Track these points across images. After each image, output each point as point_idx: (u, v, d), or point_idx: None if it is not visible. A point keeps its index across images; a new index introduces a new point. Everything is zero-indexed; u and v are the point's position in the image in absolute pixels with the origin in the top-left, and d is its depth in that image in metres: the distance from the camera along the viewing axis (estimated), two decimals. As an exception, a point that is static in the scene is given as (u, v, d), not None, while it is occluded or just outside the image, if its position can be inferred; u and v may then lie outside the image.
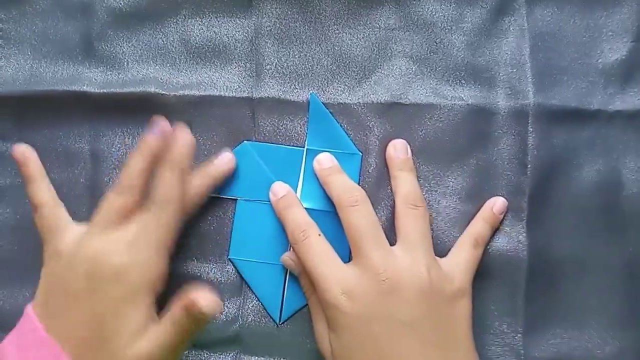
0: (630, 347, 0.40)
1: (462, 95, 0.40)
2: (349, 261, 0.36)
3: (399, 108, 0.40)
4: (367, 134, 0.40)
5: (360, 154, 0.40)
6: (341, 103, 0.40)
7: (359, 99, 0.40)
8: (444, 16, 0.41)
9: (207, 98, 0.41)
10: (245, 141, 0.41)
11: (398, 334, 0.34)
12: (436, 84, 0.41)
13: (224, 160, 0.40)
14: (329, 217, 0.39)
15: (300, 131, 0.41)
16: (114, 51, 0.42)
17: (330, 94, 0.41)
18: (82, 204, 0.41)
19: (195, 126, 0.41)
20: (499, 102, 0.40)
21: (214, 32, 0.42)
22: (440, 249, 0.39)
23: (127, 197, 0.35)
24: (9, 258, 0.42)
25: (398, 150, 0.39)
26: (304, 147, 0.40)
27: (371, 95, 0.40)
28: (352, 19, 0.41)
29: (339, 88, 0.41)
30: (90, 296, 0.33)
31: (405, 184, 0.38)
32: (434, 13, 0.41)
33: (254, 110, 0.41)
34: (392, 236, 0.37)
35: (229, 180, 0.40)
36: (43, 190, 0.38)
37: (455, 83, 0.41)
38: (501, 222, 0.40)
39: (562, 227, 0.40)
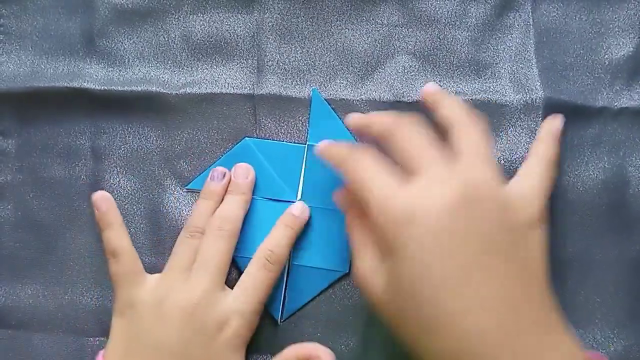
0: (635, 346, 0.40)
1: (466, 91, 0.40)
2: (349, 272, 0.38)
3: (401, 105, 0.40)
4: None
5: None
6: (343, 99, 0.40)
7: (361, 95, 0.40)
8: (448, 11, 0.41)
9: (208, 96, 0.41)
10: (246, 137, 0.41)
11: (474, 248, 0.29)
12: (439, 81, 0.40)
13: (299, 210, 0.39)
14: (331, 215, 0.39)
15: (302, 128, 0.40)
16: (115, 47, 0.42)
17: (332, 90, 0.40)
18: (83, 200, 0.41)
19: (196, 123, 0.41)
20: (506, 96, 0.40)
21: (216, 28, 0.42)
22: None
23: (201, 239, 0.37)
24: (11, 255, 0.42)
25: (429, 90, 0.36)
26: (305, 144, 0.40)
27: (373, 92, 0.40)
28: (355, 15, 0.41)
29: (341, 84, 0.40)
30: (186, 349, 0.34)
31: (451, 106, 0.34)
32: (437, 9, 0.41)
33: (255, 106, 0.40)
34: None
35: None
36: (121, 237, 0.38)
37: (459, 79, 0.40)
38: None
39: (567, 224, 0.40)
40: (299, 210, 0.38)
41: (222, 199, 0.39)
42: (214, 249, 0.36)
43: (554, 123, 0.37)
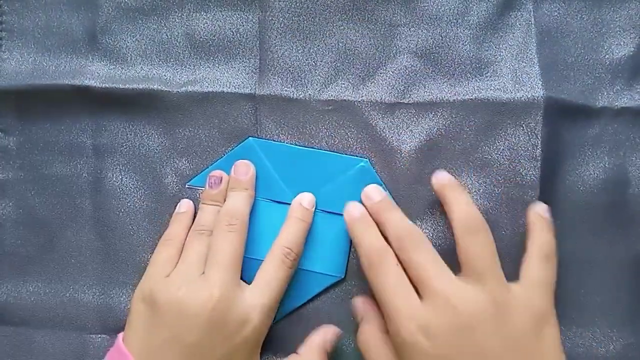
0: (635, 346, 0.40)
1: (468, 90, 0.40)
2: (344, 277, 0.38)
3: (403, 106, 0.40)
4: (370, 132, 0.40)
5: (367, 159, 0.40)
6: (345, 100, 0.40)
7: (362, 96, 0.40)
8: (450, 9, 0.41)
9: (209, 94, 0.41)
10: (250, 137, 0.41)
11: None
12: (441, 80, 0.40)
13: (308, 201, 0.39)
14: (331, 219, 0.39)
15: (302, 129, 0.40)
16: (117, 45, 0.42)
17: (334, 90, 0.40)
18: (85, 198, 0.42)
19: (197, 122, 0.41)
20: (507, 93, 0.39)
21: (219, 26, 0.42)
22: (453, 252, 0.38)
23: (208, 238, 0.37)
24: (12, 252, 0.42)
25: (439, 176, 0.37)
26: (307, 147, 0.40)
27: (375, 93, 0.40)
28: (358, 15, 0.41)
29: (343, 85, 0.40)
30: (208, 344, 0.34)
31: (459, 205, 0.35)
32: (439, 7, 0.41)
33: (256, 107, 0.40)
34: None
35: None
36: (182, 231, 0.39)
37: (461, 77, 0.40)
38: (510, 218, 0.39)
39: (567, 223, 0.40)
40: (308, 201, 0.39)
41: (224, 200, 0.39)
42: (226, 244, 0.36)
43: (540, 209, 0.37)
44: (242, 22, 0.42)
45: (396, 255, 0.35)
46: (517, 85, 0.39)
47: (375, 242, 0.35)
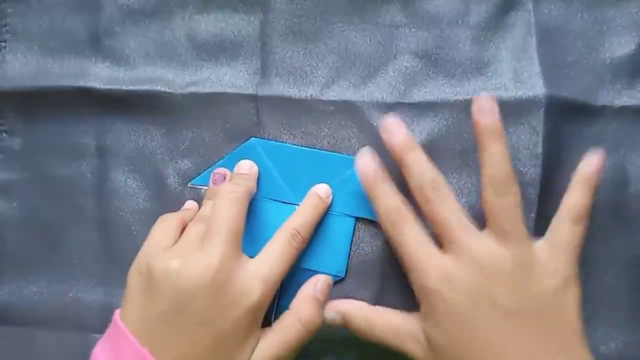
0: (635, 344, 0.40)
1: (468, 90, 0.40)
2: (344, 276, 0.39)
3: (404, 106, 0.40)
4: (371, 132, 0.40)
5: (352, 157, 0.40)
6: (346, 101, 0.40)
7: (364, 96, 0.40)
8: (450, 10, 0.41)
9: (212, 95, 0.41)
10: (252, 137, 0.41)
11: (500, 322, 0.32)
12: (442, 80, 0.40)
13: (325, 192, 0.40)
14: (332, 219, 0.39)
15: (304, 129, 0.40)
16: (120, 47, 0.42)
17: (335, 91, 0.40)
18: (89, 199, 0.42)
19: (200, 123, 0.41)
20: (508, 92, 0.39)
21: (221, 28, 0.42)
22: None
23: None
24: (15, 253, 0.42)
25: (485, 113, 0.35)
26: (309, 147, 0.40)
27: (376, 94, 0.40)
28: (358, 16, 0.41)
29: (344, 85, 0.40)
30: (209, 315, 0.33)
31: (492, 160, 0.34)
32: (440, 8, 0.41)
33: (258, 107, 0.41)
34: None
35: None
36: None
37: (462, 77, 0.40)
38: None
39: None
40: (323, 191, 0.39)
41: None
42: (226, 212, 0.35)
43: (591, 166, 0.36)
44: (244, 24, 0.42)
45: (417, 201, 0.35)
46: (518, 84, 0.39)
47: (392, 202, 0.35)
